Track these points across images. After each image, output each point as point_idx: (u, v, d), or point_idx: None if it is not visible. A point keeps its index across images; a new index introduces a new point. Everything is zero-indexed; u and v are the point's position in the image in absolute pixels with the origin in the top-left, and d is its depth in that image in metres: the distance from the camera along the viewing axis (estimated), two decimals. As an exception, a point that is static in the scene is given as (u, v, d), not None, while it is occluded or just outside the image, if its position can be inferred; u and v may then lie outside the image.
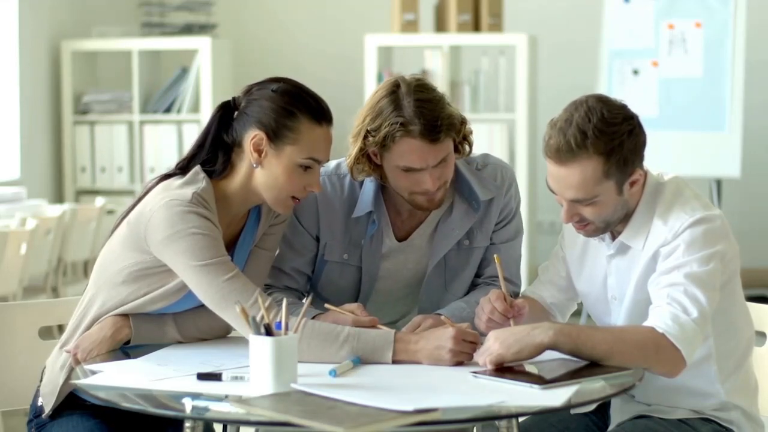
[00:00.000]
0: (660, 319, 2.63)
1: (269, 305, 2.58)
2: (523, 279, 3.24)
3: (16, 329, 3.10)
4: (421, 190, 2.94)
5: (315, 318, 2.81)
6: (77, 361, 2.73)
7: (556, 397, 2.40)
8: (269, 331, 2.44)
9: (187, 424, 2.45)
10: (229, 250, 2.82)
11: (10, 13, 7.37)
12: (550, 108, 3.58)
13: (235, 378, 2.50)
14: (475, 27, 7.40)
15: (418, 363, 2.64)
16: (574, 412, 2.92)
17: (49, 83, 7.76)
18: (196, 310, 2.84)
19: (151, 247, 2.74)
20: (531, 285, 3.04)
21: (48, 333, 3.66)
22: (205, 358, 2.69)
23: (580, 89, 3.21)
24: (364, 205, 3.03)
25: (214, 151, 2.83)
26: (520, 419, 2.69)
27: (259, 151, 2.78)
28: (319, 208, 3.05)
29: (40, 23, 7.65)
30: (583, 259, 2.92)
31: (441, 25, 7.50)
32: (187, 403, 2.34)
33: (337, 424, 2.16)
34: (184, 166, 2.84)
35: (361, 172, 2.99)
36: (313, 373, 2.52)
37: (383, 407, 2.26)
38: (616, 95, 3.30)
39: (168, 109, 7.82)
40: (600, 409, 2.94)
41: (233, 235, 2.89)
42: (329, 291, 3.09)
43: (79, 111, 7.81)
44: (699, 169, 6.89)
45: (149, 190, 2.82)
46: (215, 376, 2.51)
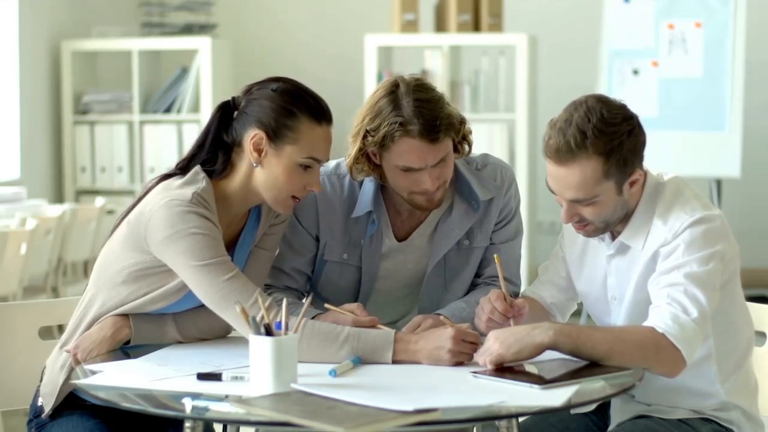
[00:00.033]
0: (660, 319, 2.63)
1: (269, 305, 2.58)
2: (523, 279, 3.23)
3: (16, 329, 3.09)
4: (420, 190, 2.94)
5: (315, 318, 2.81)
6: (77, 361, 2.73)
7: (556, 397, 2.40)
8: (269, 331, 2.44)
9: (187, 424, 2.45)
10: (229, 250, 2.82)
11: (10, 13, 7.37)
12: (550, 108, 3.58)
13: (235, 378, 2.49)
14: (475, 27, 7.40)
15: (418, 363, 2.65)
16: (574, 412, 2.92)
17: (49, 83, 7.76)
18: (196, 310, 2.84)
19: (151, 247, 2.74)
20: (531, 285, 3.04)
21: (48, 333, 3.66)
22: (205, 358, 2.68)
23: (580, 89, 3.21)
24: (364, 205, 3.03)
25: (214, 150, 2.83)
26: (520, 419, 2.69)
27: (259, 151, 2.78)
28: (318, 208, 3.05)
29: (40, 23, 7.65)
30: (583, 259, 2.92)
31: (441, 25, 7.50)
32: (187, 403, 2.34)
33: (337, 424, 2.16)
34: (184, 166, 2.84)
35: (360, 172, 2.99)
36: (313, 373, 2.52)
37: (383, 407, 2.26)
38: (616, 95, 3.30)
39: (168, 109, 7.82)
40: (600, 409, 2.94)
41: (233, 235, 2.89)
42: (329, 291, 3.09)
43: (79, 111, 7.81)
44: (699, 169, 6.89)
45: (149, 190, 2.82)
46: (215, 376, 2.50)
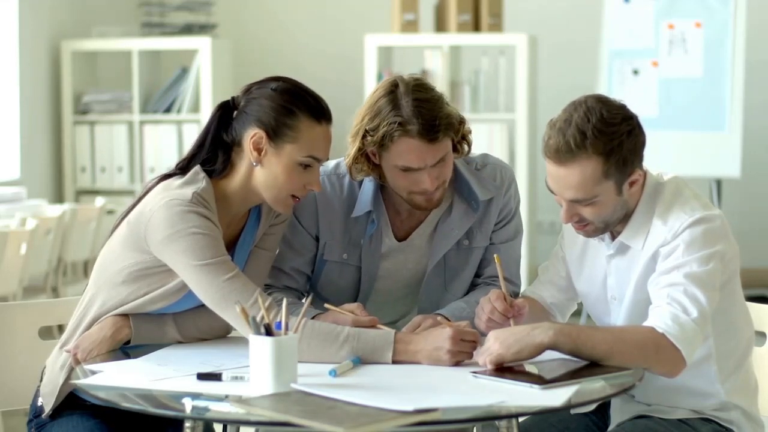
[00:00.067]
0: (660, 319, 2.63)
1: (269, 305, 2.58)
2: (523, 279, 3.23)
3: (16, 329, 3.09)
4: (419, 190, 2.94)
5: (315, 318, 2.81)
6: (77, 361, 2.73)
7: (556, 397, 2.40)
8: (269, 331, 2.44)
9: (187, 424, 2.45)
10: (229, 250, 2.82)
11: (10, 13, 7.37)
12: (550, 108, 3.58)
13: (235, 378, 2.49)
14: (475, 27, 7.40)
15: (418, 363, 2.65)
16: (574, 412, 2.92)
17: (49, 83, 7.76)
18: (196, 310, 2.83)
19: (151, 246, 2.74)
20: (531, 285, 3.04)
21: (48, 333, 3.66)
22: (205, 358, 2.68)
23: (580, 89, 3.21)
24: (364, 205, 3.03)
25: (214, 150, 2.83)
26: (520, 419, 2.69)
27: (258, 150, 2.78)
28: (318, 208, 3.05)
29: (40, 23, 7.65)
30: (583, 259, 2.92)
31: (441, 25, 7.50)
32: (187, 403, 2.34)
33: (337, 424, 2.16)
34: (184, 166, 2.84)
35: (359, 171, 2.99)
36: (313, 373, 2.52)
37: (383, 407, 2.26)
38: (616, 95, 3.30)
39: (168, 109, 7.82)
40: (600, 409, 2.94)
41: (233, 235, 2.89)
42: (329, 291, 3.08)
43: (79, 111, 7.80)
44: (699, 169, 6.89)
45: (149, 190, 2.82)
46: (215, 376, 2.50)
